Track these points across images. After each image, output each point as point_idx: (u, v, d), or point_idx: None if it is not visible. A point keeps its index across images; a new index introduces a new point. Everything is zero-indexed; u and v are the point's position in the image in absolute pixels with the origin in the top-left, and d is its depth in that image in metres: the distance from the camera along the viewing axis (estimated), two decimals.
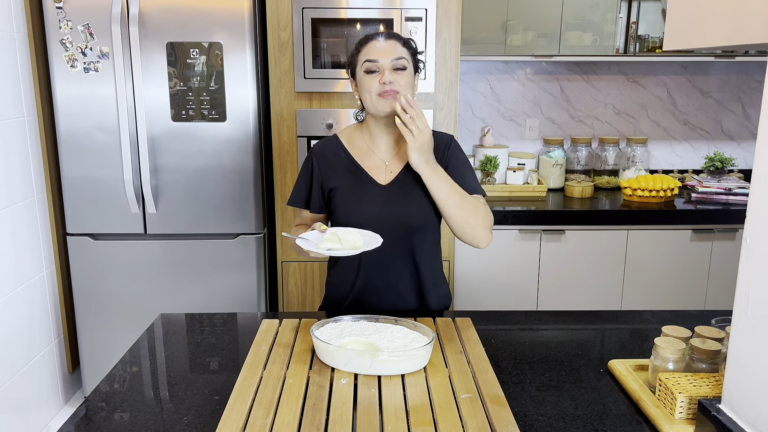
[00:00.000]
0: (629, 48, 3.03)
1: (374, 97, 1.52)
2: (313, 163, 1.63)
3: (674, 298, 2.87)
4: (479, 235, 1.54)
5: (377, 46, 1.54)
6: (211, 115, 2.57)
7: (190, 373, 1.29)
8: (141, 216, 2.64)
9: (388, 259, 1.60)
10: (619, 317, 1.61)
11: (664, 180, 2.91)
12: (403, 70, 1.53)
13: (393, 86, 1.51)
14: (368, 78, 1.53)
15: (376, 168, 1.61)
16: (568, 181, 3.11)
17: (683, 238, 2.83)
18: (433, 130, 1.63)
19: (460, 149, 1.65)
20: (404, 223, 1.58)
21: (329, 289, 1.70)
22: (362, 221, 1.56)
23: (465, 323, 1.49)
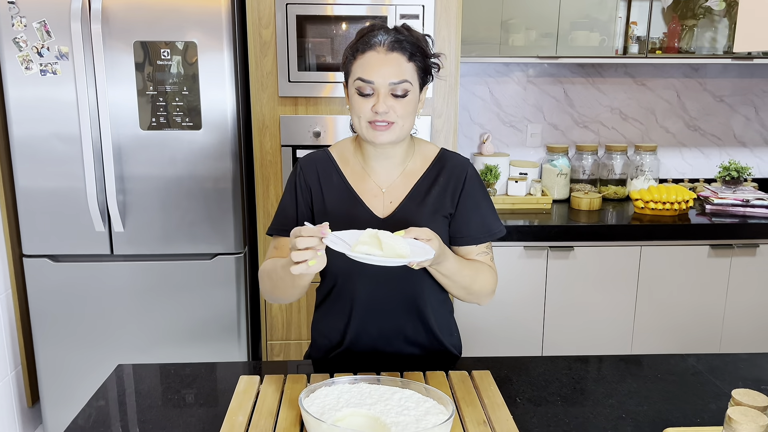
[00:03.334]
0: (629, 49, 2.82)
1: (363, 123, 1.28)
2: (301, 184, 1.37)
3: (691, 319, 2.66)
4: (482, 302, 1.38)
5: (375, 60, 1.25)
6: (184, 122, 2.30)
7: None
8: (107, 235, 2.37)
9: (388, 309, 1.36)
10: (660, 364, 1.38)
11: (678, 191, 2.70)
12: (404, 97, 1.26)
13: (388, 116, 1.25)
14: (359, 100, 1.27)
15: (372, 196, 1.35)
16: (574, 192, 2.89)
17: (700, 254, 2.62)
18: (443, 150, 1.41)
19: (478, 180, 1.40)
20: (402, 295, 1.35)
21: (316, 335, 1.45)
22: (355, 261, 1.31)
23: (484, 379, 1.25)
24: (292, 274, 1.17)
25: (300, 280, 1.20)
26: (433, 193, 1.35)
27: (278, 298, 1.30)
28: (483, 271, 1.33)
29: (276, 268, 1.26)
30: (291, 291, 1.25)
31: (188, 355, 2.46)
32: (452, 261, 1.25)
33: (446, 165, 1.38)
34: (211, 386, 1.27)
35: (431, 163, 1.38)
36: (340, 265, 1.32)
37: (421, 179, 1.36)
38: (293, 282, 1.21)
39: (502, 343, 2.63)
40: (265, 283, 1.31)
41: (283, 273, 1.21)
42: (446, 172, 1.37)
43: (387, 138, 1.27)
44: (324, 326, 1.42)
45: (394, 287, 1.34)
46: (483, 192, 1.38)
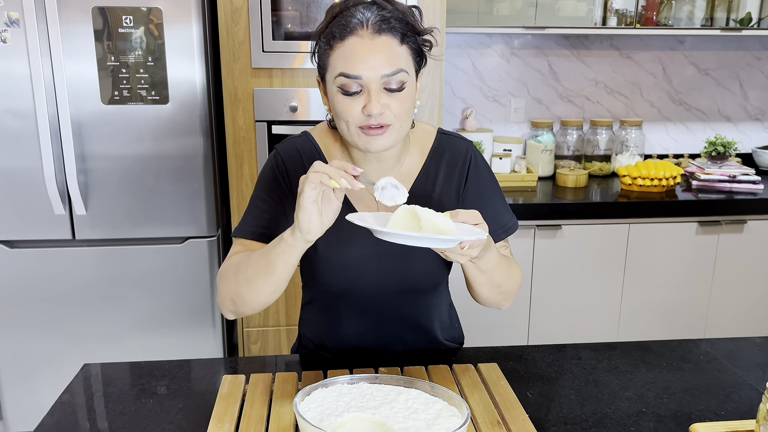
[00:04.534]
0: (608, 22, 2.72)
1: (353, 129, 1.06)
2: (281, 178, 1.16)
3: (678, 296, 2.61)
4: (507, 303, 1.21)
5: (360, 48, 1.02)
6: (150, 96, 2.13)
7: None
8: (68, 218, 2.20)
9: (385, 324, 1.24)
10: (673, 350, 1.30)
11: (665, 167, 2.63)
12: (400, 91, 1.04)
13: (383, 118, 1.04)
14: (345, 102, 1.04)
15: (365, 207, 1.18)
16: (559, 169, 2.80)
17: (688, 231, 2.56)
18: (441, 133, 1.23)
19: (484, 167, 1.23)
20: (408, 282, 1.20)
21: (304, 331, 1.33)
22: (349, 279, 1.18)
23: (492, 372, 1.15)
24: (271, 262, 1.02)
25: (285, 254, 1.00)
26: (437, 191, 1.19)
27: (245, 300, 1.09)
28: (514, 265, 1.20)
29: (248, 259, 1.08)
30: (264, 285, 1.05)
31: (159, 345, 2.31)
32: (495, 252, 1.09)
33: (445, 154, 1.21)
34: (190, 388, 1.14)
35: (428, 154, 1.20)
36: (334, 280, 1.18)
37: (419, 178, 1.19)
38: (273, 267, 1.02)
39: (487, 325, 2.54)
40: (229, 281, 1.10)
41: (260, 262, 1.05)
42: (446, 162, 1.20)
43: (383, 144, 1.06)
44: (313, 329, 1.29)
45: (396, 305, 1.22)
46: (491, 181, 1.23)
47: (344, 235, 1.15)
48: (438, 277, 1.22)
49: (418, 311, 1.24)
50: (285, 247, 1.01)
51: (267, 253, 1.04)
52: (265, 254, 1.04)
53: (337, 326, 1.24)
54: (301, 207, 0.95)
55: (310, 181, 0.93)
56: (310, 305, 1.29)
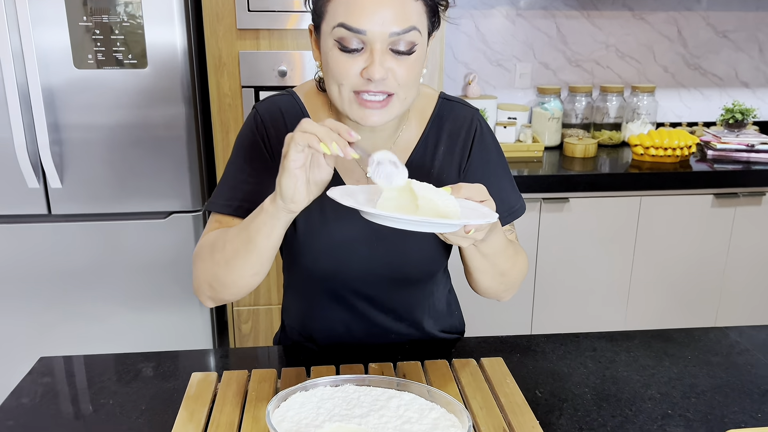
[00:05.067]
0: None
1: (347, 94, 0.90)
2: (262, 140, 1.01)
3: (691, 272, 2.48)
4: (510, 294, 1.08)
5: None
6: (127, 59, 1.97)
7: None
8: (42, 192, 2.06)
9: (375, 314, 1.11)
10: (698, 340, 1.16)
11: (680, 136, 2.47)
12: (408, 55, 0.88)
13: (386, 85, 0.88)
14: (341, 59, 0.88)
15: (352, 171, 1.04)
16: (567, 138, 2.64)
17: (703, 204, 2.42)
18: (443, 98, 1.07)
19: (491, 139, 1.08)
20: (402, 269, 1.06)
21: (286, 319, 1.19)
22: (334, 263, 1.04)
23: (497, 369, 1.02)
24: (251, 237, 0.89)
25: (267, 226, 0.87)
26: (436, 165, 1.04)
27: (224, 283, 0.96)
28: (520, 252, 1.06)
29: (225, 235, 0.95)
30: (245, 265, 0.92)
31: (143, 326, 2.19)
32: (501, 235, 0.95)
33: (446, 123, 1.05)
34: (156, 386, 1.01)
35: (428, 122, 1.05)
36: (316, 264, 1.04)
37: (417, 150, 1.04)
38: (253, 242, 0.89)
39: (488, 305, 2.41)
40: (205, 262, 0.97)
41: (239, 238, 0.91)
42: (448, 133, 1.05)
43: (381, 119, 0.90)
44: (296, 317, 1.16)
45: (390, 296, 1.08)
46: (497, 155, 1.08)
47: (329, 212, 1.01)
48: (436, 263, 1.09)
49: (412, 301, 1.11)
50: (266, 218, 0.87)
51: (246, 227, 0.91)
52: (244, 228, 0.91)
53: (322, 316, 1.11)
54: (286, 171, 0.81)
55: (297, 143, 0.79)
56: (291, 291, 1.16)
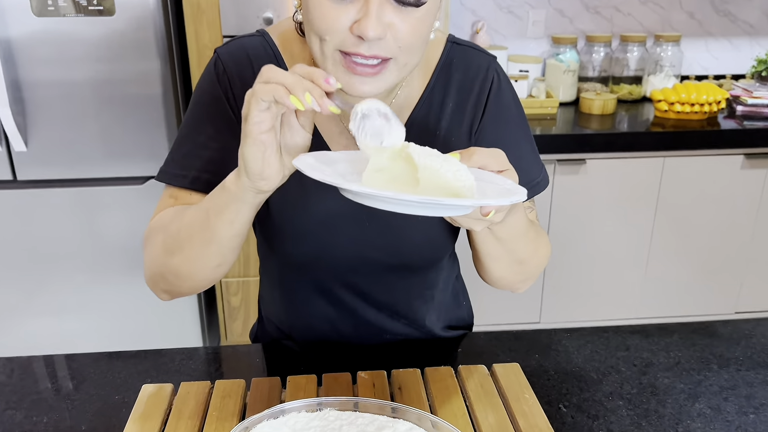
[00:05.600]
0: None
1: (330, 52, 0.70)
2: (226, 94, 0.82)
3: (715, 241, 2.29)
4: (527, 284, 0.89)
5: None
6: (91, 5, 1.75)
7: None
8: (6, 156, 1.87)
9: (366, 310, 0.92)
10: (749, 336, 0.98)
11: (708, 90, 2.25)
12: (417, 7, 0.67)
13: (382, 47, 0.68)
14: (326, 5, 0.67)
15: (343, 146, 0.84)
16: (584, 93, 2.42)
17: (732, 165, 2.21)
18: (452, 42, 0.86)
19: (511, 95, 0.87)
20: (399, 255, 0.87)
21: (264, 312, 1.02)
22: (316, 248, 0.86)
23: (513, 377, 0.84)
24: (210, 224, 0.72)
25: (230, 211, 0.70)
26: (443, 127, 0.84)
27: (179, 276, 0.79)
28: (542, 236, 0.87)
29: (181, 218, 0.77)
30: (205, 256, 0.75)
31: (120, 302, 2.03)
32: (521, 215, 0.76)
33: (456, 74, 0.84)
34: (103, 398, 0.84)
35: (434, 73, 0.84)
36: (295, 249, 0.86)
37: (419, 107, 0.84)
38: (213, 230, 0.72)
39: None
40: (156, 249, 0.80)
41: (196, 222, 0.74)
42: (457, 86, 0.84)
43: (372, 88, 0.71)
44: (274, 311, 0.98)
45: (382, 285, 0.90)
46: (518, 115, 0.87)
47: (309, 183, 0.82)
48: (442, 247, 0.90)
49: (412, 293, 0.93)
50: (228, 200, 0.69)
51: (204, 210, 0.73)
52: (202, 211, 0.73)
53: (302, 312, 0.93)
54: (248, 138, 0.63)
55: (259, 98, 0.60)
56: (266, 279, 0.97)
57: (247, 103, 0.62)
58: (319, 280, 0.89)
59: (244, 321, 2.22)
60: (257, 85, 0.61)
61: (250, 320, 2.21)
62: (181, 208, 0.80)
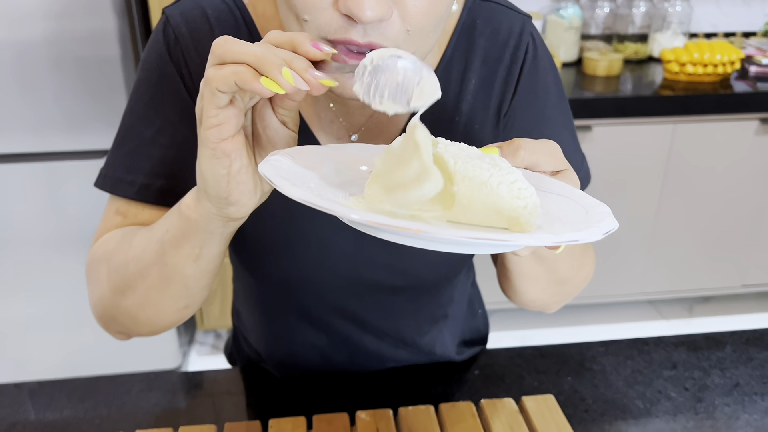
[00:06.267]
0: None
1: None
2: (180, 70, 0.62)
3: (724, 211, 2.15)
4: (559, 305, 0.71)
5: None
6: None
7: None
8: None
9: (364, 337, 0.75)
10: None
11: (723, 49, 2.08)
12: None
13: (384, 33, 0.48)
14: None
15: (328, 124, 0.65)
16: (587, 53, 2.23)
17: (746, 131, 2.06)
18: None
19: (549, 64, 0.68)
20: (406, 274, 0.70)
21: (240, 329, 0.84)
22: (304, 270, 0.68)
23: (548, 413, 0.68)
24: (167, 260, 0.55)
25: (192, 244, 0.53)
26: (464, 109, 0.65)
27: (135, 320, 0.61)
28: (588, 248, 0.70)
29: (129, 247, 0.59)
30: (164, 298, 0.58)
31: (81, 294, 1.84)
32: None
33: (479, 40, 0.65)
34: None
35: (451, 39, 0.65)
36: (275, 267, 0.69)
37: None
38: (172, 268, 0.55)
39: None
40: (101, 285, 0.62)
41: (147, 254, 0.56)
42: (483, 56, 0.65)
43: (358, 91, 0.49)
44: (252, 330, 0.81)
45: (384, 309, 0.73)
46: (557, 93, 0.68)
47: None
48: (460, 261, 0.73)
49: (421, 317, 0.76)
50: (188, 231, 0.52)
51: (158, 240, 0.55)
52: (155, 241, 0.56)
53: (287, 340, 0.76)
54: (206, 148, 0.46)
55: (214, 89, 0.42)
56: (242, 293, 0.80)
57: (201, 96, 0.44)
58: (305, 305, 0.72)
59: (222, 304, 2.05)
60: (210, 70, 0.43)
61: (227, 302, 2.05)
62: (129, 231, 0.61)
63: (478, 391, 0.74)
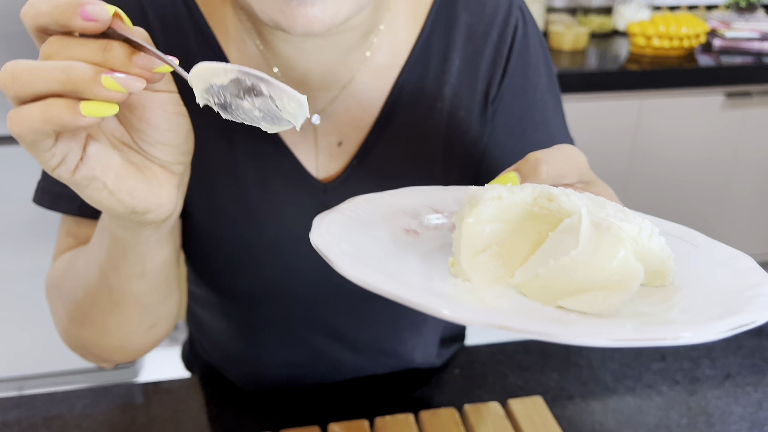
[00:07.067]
0: None
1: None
2: None
3: (690, 187, 2.15)
4: None
5: None
6: None
7: None
8: None
9: (340, 347, 0.68)
10: None
11: (689, 22, 2.06)
12: None
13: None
14: None
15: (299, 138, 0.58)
16: (552, 25, 2.18)
17: (711, 105, 2.05)
18: None
19: (539, 43, 0.61)
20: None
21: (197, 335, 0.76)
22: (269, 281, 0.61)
23: (536, 416, 0.63)
24: (110, 282, 0.48)
25: (123, 256, 0.46)
26: (446, 95, 0.58)
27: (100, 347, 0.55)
28: None
29: (74, 269, 0.52)
30: (124, 322, 0.52)
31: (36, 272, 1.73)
32: None
33: (462, 15, 0.57)
34: None
35: (429, 14, 0.57)
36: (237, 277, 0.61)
37: (410, 66, 0.57)
38: (117, 289, 0.48)
39: None
40: (57, 312, 0.55)
41: (93, 280, 0.49)
42: (467, 33, 0.58)
43: (324, 18, 0.43)
44: (210, 340, 0.73)
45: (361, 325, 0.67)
46: (547, 75, 0.62)
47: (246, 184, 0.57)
48: None
49: (399, 324, 0.69)
50: (120, 249, 0.46)
51: (96, 264, 0.49)
52: (93, 265, 0.49)
53: (251, 355, 0.68)
54: (71, 184, 0.38)
55: (28, 141, 0.34)
56: (200, 303, 0.72)
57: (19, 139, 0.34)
58: (271, 318, 0.65)
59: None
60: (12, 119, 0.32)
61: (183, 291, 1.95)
62: (73, 255, 0.54)
63: (460, 394, 0.69)
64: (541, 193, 0.37)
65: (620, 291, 0.33)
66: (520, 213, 0.37)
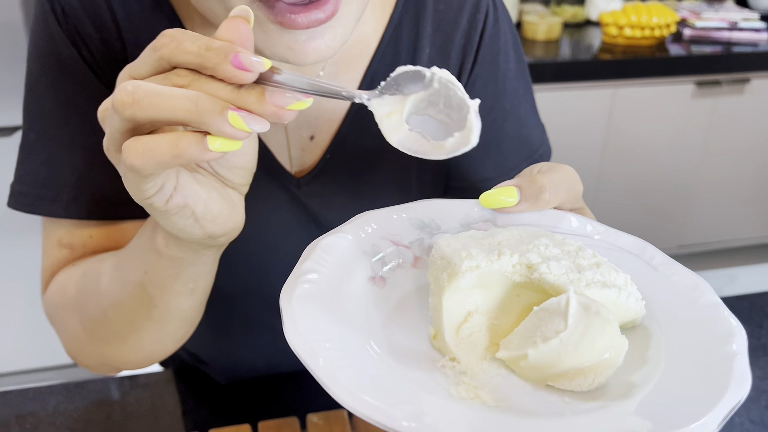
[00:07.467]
0: None
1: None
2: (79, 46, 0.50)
3: (662, 175, 2.19)
4: None
5: None
6: None
7: None
8: None
9: None
10: None
11: (660, 11, 2.08)
12: None
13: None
14: None
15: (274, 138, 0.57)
16: (526, 15, 2.19)
17: (682, 94, 2.08)
18: None
19: (510, 31, 0.61)
20: None
21: None
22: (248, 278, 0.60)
23: None
24: (155, 300, 0.47)
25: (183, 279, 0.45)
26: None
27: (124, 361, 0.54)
28: None
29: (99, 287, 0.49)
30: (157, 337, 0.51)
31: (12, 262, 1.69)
32: None
33: (429, 3, 0.57)
34: None
35: (398, 2, 0.57)
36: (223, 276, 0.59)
37: (379, 56, 0.57)
38: (165, 307, 0.47)
39: None
40: (72, 331, 0.53)
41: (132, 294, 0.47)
42: (435, 20, 0.57)
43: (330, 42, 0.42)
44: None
45: None
46: (517, 63, 0.62)
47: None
48: None
49: None
50: (175, 270, 0.44)
51: (136, 284, 0.46)
52: (132, 284, 0.47)
53: (228, 348, 0.68)
54: (155, 212, 0.38)
55: (140, 175, 0.33)
56: None
57: (123, 177, 0.34)
58: (249, 313, 0.65)
59: None
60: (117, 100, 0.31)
61: None
62: (90, 272, 0.51)
63: None
64: (520, 261, 0.37)
65: (609, 368, 0.34)
66: (499, 279, 0.37)
